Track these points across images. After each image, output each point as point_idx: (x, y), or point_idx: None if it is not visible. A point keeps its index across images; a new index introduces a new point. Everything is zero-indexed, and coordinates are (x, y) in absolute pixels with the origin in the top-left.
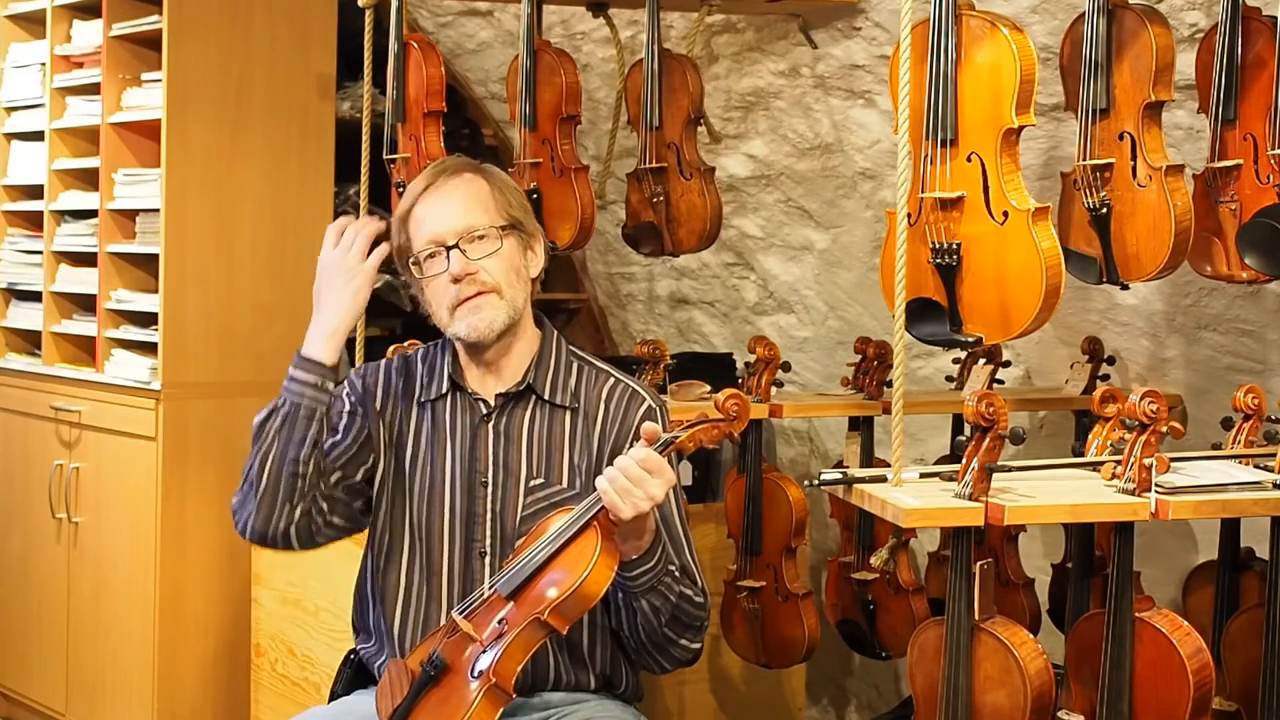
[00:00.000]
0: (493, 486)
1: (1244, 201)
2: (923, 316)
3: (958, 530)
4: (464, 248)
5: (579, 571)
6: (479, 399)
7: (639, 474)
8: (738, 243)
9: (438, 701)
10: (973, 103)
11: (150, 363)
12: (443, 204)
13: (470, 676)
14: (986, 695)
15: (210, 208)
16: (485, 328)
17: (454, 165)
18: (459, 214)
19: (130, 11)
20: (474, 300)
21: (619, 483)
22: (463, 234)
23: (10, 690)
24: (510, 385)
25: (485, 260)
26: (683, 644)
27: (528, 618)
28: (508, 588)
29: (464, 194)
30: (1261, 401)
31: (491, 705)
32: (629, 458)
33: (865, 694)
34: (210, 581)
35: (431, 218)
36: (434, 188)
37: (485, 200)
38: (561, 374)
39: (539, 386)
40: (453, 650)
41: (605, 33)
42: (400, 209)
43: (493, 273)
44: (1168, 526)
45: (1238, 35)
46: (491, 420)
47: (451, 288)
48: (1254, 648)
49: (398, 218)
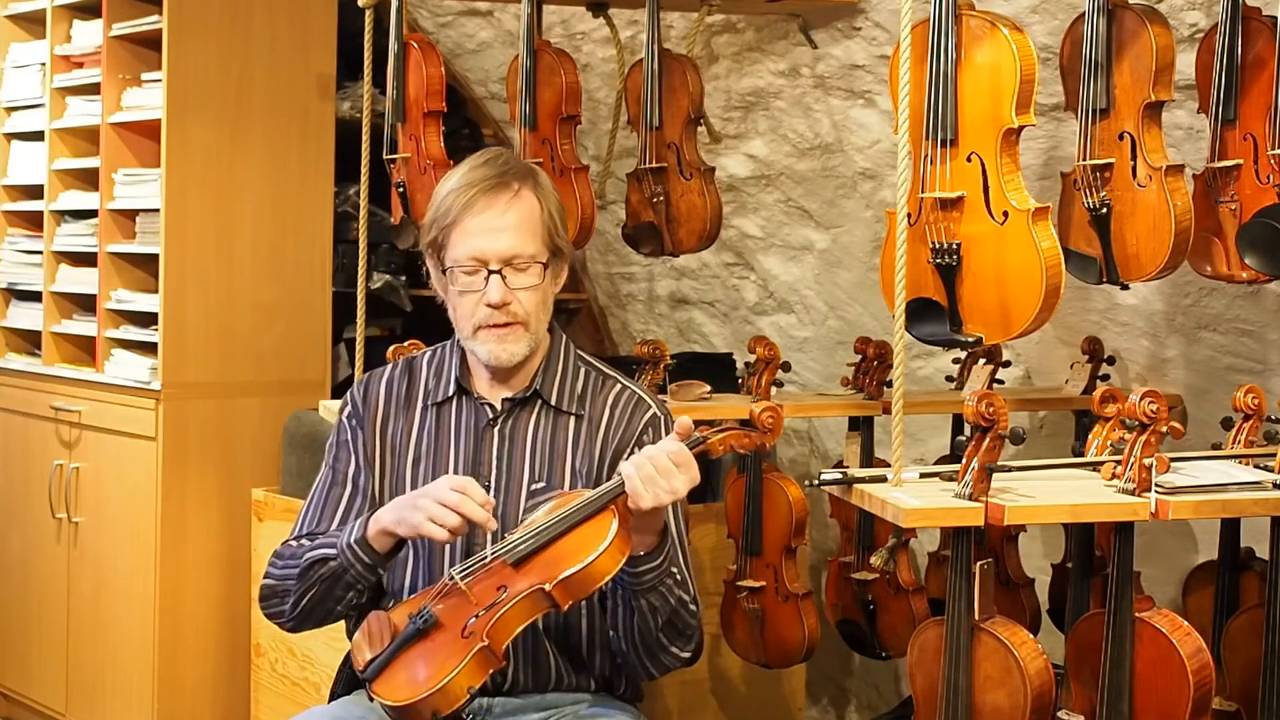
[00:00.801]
0: (495, 491)
1: (1244, 201)
2: (923, 316)
3: (958, 530)
4: (506, 275)
5: (592, 549)
6: (485, 403)
7: (667, 465)
8: (738, 243)
9: (423, 654)
10: (973, 103)
11: (150, 363)
12: (495, 221)
13: (461, 635)
14: (986, 695)
15: (210, 208)
16: (506, 358)
17: (513, 171)
18: (509, 238)
19: (130, 11)
20: (502, 330)
21: (645, 470)
22: (508, 260)
23: (10, 690)
24: (518, 390)
25: (522, 292)
26: (673, 650)
27: (531, 586)
28: (514, 556)
29: (518, 216)
30: (1261, 401)
31: (480, 667)
32: (659, 448)
33: (865, 694)
34: (210, 581)
35: (479, 233)
36: (489, 198)
37: (535, 226)
38: (569, 380)
39: (546, 392)
40: (446, 609)
41: (605, 33)
42: (446, 200)
43: (526, 305)
44: (1168, 526)
45: (1238, 35)
46: (497, 425)
47: (482, 309)
48: (1254, 648)
49: (441, 205)
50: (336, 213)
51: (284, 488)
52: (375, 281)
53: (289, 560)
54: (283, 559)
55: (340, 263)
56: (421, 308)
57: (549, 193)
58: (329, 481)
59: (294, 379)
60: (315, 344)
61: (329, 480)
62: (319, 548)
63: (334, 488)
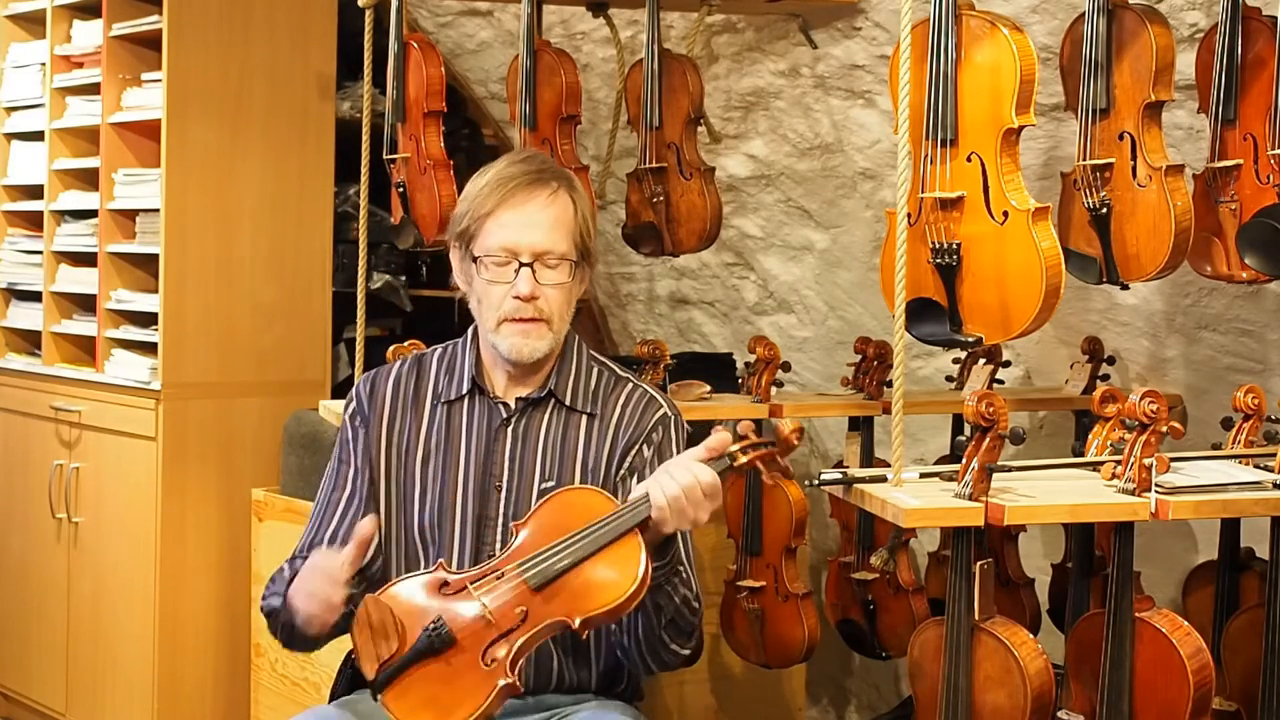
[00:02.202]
0: (506, 490)
1: (1244, 201)
2: (923, 316)
3: (958, 530)
4: (536, 269)
5: (621, 587)
6: (500, 402)
7: (699, 498)
8: (738, 243)
9: (441, 677)
10: (973, 103)
11: (150, 363)
12: (533, 215)
13: (483, 663)
14: (986, 695)
15: (210, 208)
16: (528, 354)
17: (551, 170)
18: (544, 232)
19: (130, 11)
20: (526, 325)
21: (679, 503)
22: (541, 254)
23: (10, 690)
24: (532, 390)
25: (550, 289)
26: (674, 648)
27: (554, 617)
28: (538, 579)
29: (555, 212)
30: (1261, 401)
31: (501, 700)
32: (693, 475)
33: (865, 694)
34: (210, 581)
35: (516, 225)
36: (527, 192)
37: (569, 224)
38: (582, 379)
39: (560, 392)
40: (463, 627)
41: (605, 33)
42: (482, 191)
43: (552, 303)
44: (1168, 526)
45: (1238, 35)
46: (511, 424)
47: (510, 301)
48: (1254, 648)
49: (476, 197)
50: (336, 213)
51: (284, 488)
52: (375, 281)
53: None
54: (274, 584)
55: (340, 263)
56: (421, 308)
57: (583, 197)
58: (331, 485)
59: (294, 379)
60: (315, 344)
61: (332, 483)
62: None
63: (335, 491)
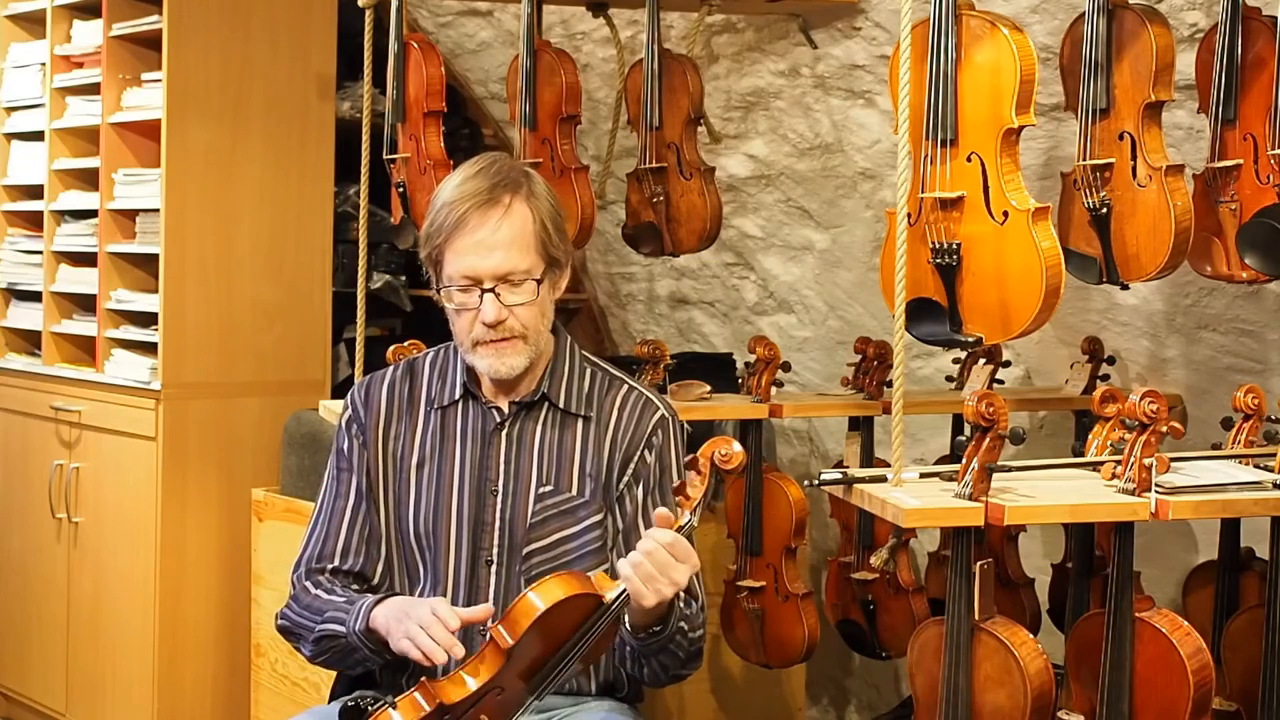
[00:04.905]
0: (503, 495)
1: (1244, 201)
2: (923, 316)
3: (958, 530)
4: (500, 292)
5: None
6: (493, 407)
7: (665, 560)
8: (738, 243)
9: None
10: (973, 103)
11: (150, 363)
12: (487, 238)
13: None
14: (986, 695)
15: (210, 208)
16: (505, 371)
17: (504, 183)
18: (503, 254)
19: (130, 11)
20: (499, 344)
21: (643, 569)
22: (501, 277)
23: (10, 690)
24: (525, 394)
25: (518, 308)
26: (683, 673)
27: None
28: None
29: (509, 232)
30: (1261, 401)
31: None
32: (653, 541)
33: (865, 694)
34: (210, 581)
35: (471, 251)
36: (480, 215)
37: (528, 240)
38: (575, 381)
39: (553, 395)
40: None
41: (605, 33)
42: (439, 214)
43: (522, 319)
44: (1168, 526)
45: (1238, 35)
46: (505, 428)
47: (479, 327)
48: (1254, 648)
49: (434, 220)
50: (336, 213)
51: (284, 488)
52: (375, 281)
53: (306, 612)
54: (300, 603)
55: (340, 263)
56: (421, 308)
57: (543, 200)
58: (334, 493)
59: (294, 379)
60: (315, 344)
61: (334, 492)
62: (328, 621)
63: (339, 499)
